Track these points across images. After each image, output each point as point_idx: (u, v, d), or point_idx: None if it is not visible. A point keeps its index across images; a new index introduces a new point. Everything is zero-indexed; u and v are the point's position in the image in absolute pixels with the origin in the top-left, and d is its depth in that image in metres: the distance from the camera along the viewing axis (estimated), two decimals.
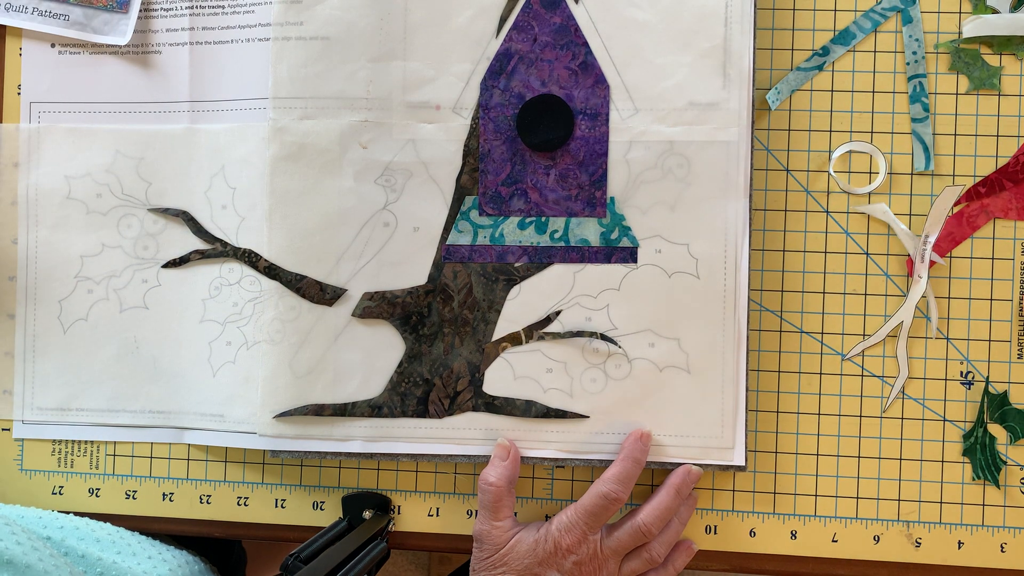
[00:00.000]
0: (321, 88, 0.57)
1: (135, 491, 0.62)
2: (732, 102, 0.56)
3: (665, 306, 0.57)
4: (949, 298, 0.58)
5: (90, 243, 0.61)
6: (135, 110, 0.61)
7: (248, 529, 0.62)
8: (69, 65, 0.62)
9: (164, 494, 0.62)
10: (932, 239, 0.57)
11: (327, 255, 0.58)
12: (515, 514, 0.58)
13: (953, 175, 0.58)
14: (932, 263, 0.58)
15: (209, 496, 0.62)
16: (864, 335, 0.58)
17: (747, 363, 0.57)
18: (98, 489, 0.63)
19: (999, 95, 0.58)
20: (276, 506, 0.62)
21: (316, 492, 0.61)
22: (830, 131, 0.58)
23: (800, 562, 0.59)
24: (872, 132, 0.58)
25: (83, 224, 0.62)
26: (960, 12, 0.58)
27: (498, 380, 0.58)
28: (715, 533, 0.59)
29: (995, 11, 0.57)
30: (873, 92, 0.58)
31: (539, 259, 0.57)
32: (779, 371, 0.59)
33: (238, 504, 0.62)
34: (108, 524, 0.60)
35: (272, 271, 0.58)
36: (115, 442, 0.62)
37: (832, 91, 0.58)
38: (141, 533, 0.61)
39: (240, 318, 0.59)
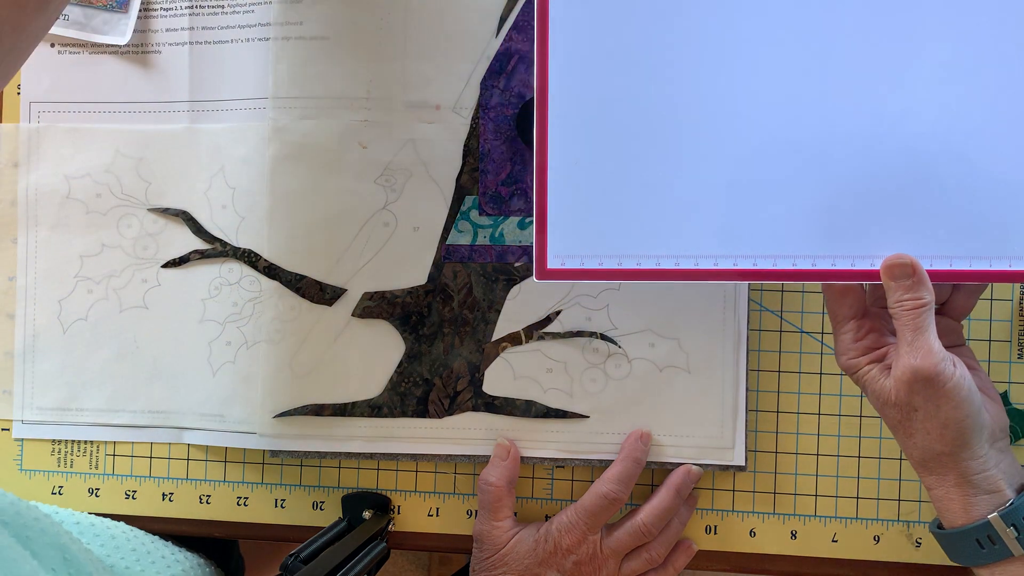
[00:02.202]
0: (321, 88, 0.57)
1: (135, 491, 0.62)
2: None
3: (665, 306, 0.57)
4: None
5: (90, 243, 0.61)
6: (135, 110, 0.61)
7: (248, 529, 0.62)
8: (69, 65, 0.62)
9: (164, 494, 0.62)
10: None
11: (327, 255, 0.58)
12: (515, 514, 0.58)
13: None
14: None
15: (209, 496, 0.62)
16: None
17: (747, 363, 0.57)
18: (98, 489, 0.63)
19: None
20: (276, 506, 0.62)
21: (316, 492, 0.61)
22: None
23: (800, 562, 0.59)
24: None
25: (83, 224, 0.61)
26: None
27: (498, 380, 0.58)
28: (715, 533, 0.59)
29: None
30: None
31: None
32: (779, 371, 0.59)
33: (238, 504, 0.62)
34: (122, 523, 0.60)
35: (272, 271, 0.58)
36: (115, 442, 0.62)
37: None
38: (153, 534, 0.61)
39: (240, 318, 0.59)
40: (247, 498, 0.62)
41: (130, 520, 0.62)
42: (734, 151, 0.47)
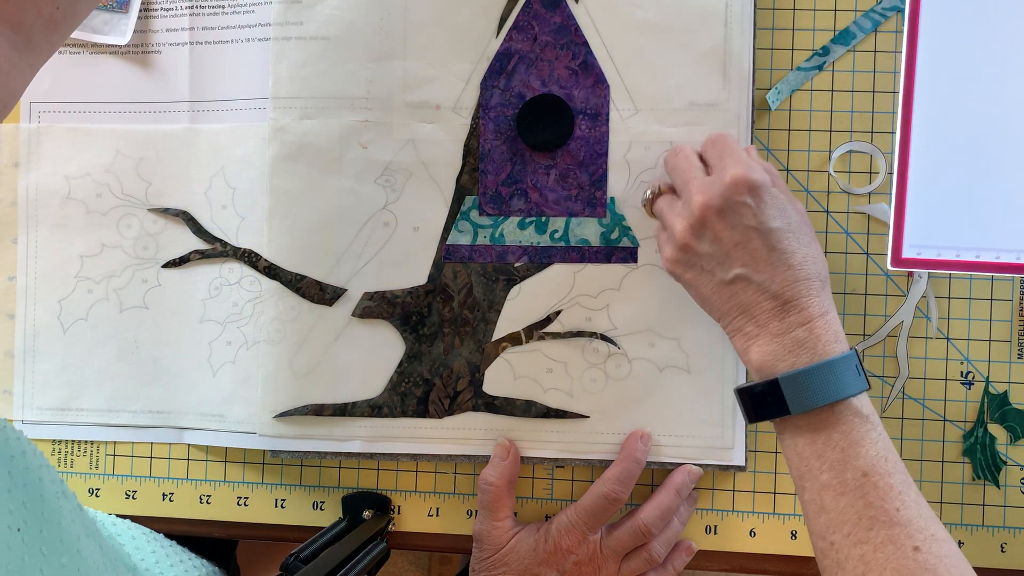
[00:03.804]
0: (321, 88, 0.57)
1: (135, 491, 0.62)
2: (732, 102, 0.56)
3: (665, 306, 0.57)
4: (949, 298, 0.58)
5: (90, 243, 0.61)
6: (135, 110, 0.61)
7: (248, 529, 0.62)
8: (69, 65, 0.62)
9: (164, 494, 0.62)
10: None
11: (327, 255, 0.58)
12: (515, 514, 0.58)
13: None
14: None
15: (209, 496, 0.62)
16: (864, 335, 0.58)
17: None
18: (98, 489, 0.63)
19: None
20: (276, 506, 0.62)
21: (316, 492, 0.61)
22: (830, 131, 0.58)
23: (800, 562, 0.59)
24: (872, 132, 0.58)
25: (83, 224, 0.61)
26: None
27: (498, 380, 0.58)
28: (715, 533, 0.59)
29: None
30: (873, 92, 0.58)
31: (539, 259, 0.57)
32: None
33: (238, 504, 0.62)
34: (142, 526, 0.60)
35: (272, 271, 0.58)
36: (115, 442, 0.62)
37: (832, 91, 0.58)
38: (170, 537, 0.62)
39: (240, 318, 0.59)
40: (247, 498, 0.62)
41: (131, 520, 0.62)
42: None
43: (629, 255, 0.57)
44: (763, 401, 0.46)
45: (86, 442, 0.63)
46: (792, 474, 0.47)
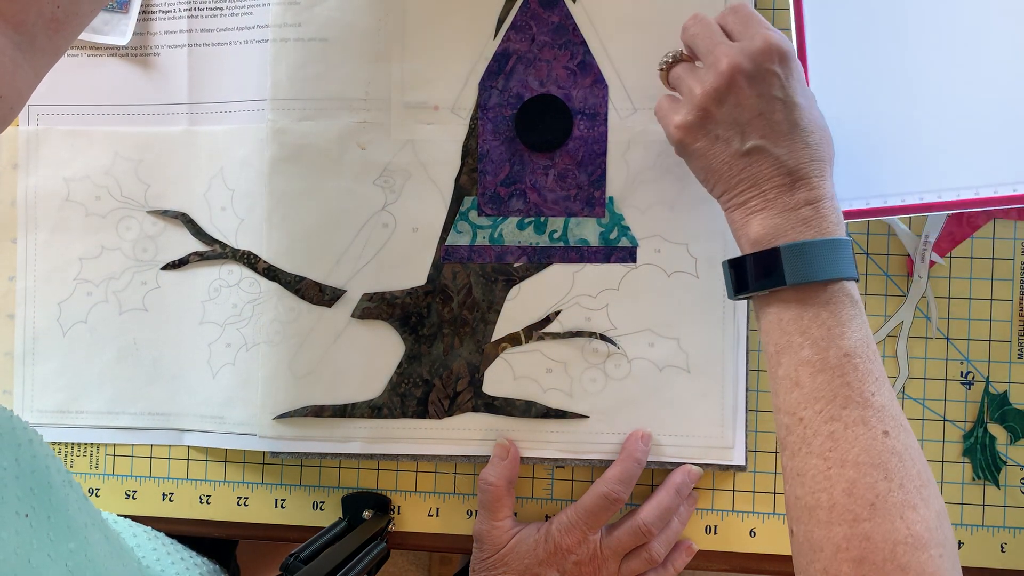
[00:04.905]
0: (319, 89, 0.57)
1: (135, 491, 0.63)
2: None
3: (664, 306, 0.57)
4: (949, 298, 0.58)
5: (89, 245, 0.62)
6: (134, 112, 0.61)
7: (248, 529, 0.62)
8: (68, 67, 0.62)
9: (164, 494, 0.62)
10: (932, 239, 0.57)
11: (326, 256, 0.58)
12: (515, 514, 0.58)
13: None
14: (932, 263, 0.57)
15: (209, 496, 0.62)
16: None
17: (747, 363, 0.57)
18: (98, 489, 0.63)
19: None
20: (276, 506, 0.62)
21: (316, 492, 0.61)
22: None
23: None
24: None
25: (82, 226, 0.62)
26: None
27: (498, 380, 0.58)
28: (715, 533, 0.59)
29: None
30: None
31: (538, 259, 0.57)
32: None
33: (238, 504, 0.62)
34: (143, 524, 0.60)
35: (271, 272, 0.58)
36: (115, 443, 0.63)
37: None
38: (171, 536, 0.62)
39: (239, 320, 0.59)
40: (247, 498, 0.62)
41: (131, 520, 0.62)
42: (960, 101, 0.52)
43: (628, 255, 0.57)
44: (757, 271, 0.46)
45: (86, 442, 0.63)
46: (768, 349, 0.46)
